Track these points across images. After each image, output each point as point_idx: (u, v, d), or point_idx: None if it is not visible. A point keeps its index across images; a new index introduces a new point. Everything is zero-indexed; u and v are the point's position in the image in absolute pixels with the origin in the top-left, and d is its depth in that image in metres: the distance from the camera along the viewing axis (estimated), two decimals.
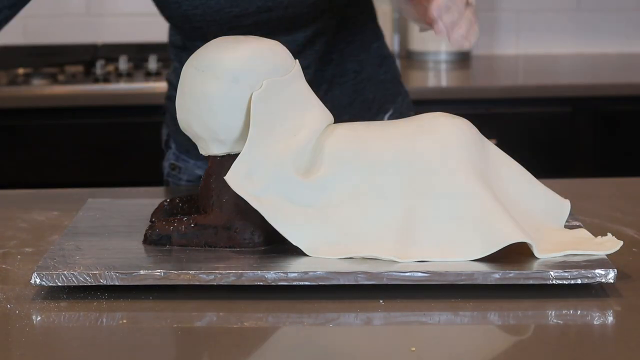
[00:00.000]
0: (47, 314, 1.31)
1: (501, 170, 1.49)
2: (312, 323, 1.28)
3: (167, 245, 1.45)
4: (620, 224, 1.59)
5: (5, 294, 1.36)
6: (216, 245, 1.44)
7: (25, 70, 3.10)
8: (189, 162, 1.88)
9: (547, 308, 1.30)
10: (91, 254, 1.41)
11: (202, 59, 1.45)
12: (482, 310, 1.30)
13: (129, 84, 3.00)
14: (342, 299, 1.32)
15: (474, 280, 1.33)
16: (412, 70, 3.27)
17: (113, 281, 1.34)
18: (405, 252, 1.37)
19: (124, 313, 1.30)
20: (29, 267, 1.43)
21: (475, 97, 3.02)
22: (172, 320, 1.29)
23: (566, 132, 3.01)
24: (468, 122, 1.49)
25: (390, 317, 1.29)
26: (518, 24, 3.51)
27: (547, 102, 3.02)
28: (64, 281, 1.34)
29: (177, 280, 1.34)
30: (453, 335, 1.26)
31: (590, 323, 1.28)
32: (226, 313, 1.30)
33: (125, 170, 2.88)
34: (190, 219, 1.45)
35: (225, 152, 1.45)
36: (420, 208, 1.40)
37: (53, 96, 2.97)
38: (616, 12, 3.52)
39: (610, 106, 3.02)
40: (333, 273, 1.33)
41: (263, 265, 1.36)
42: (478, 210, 1.39)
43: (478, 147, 1.47)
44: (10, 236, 1.58)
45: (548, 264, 1.35)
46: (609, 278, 1.33)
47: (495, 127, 2.95)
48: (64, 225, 1.61)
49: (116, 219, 1.57)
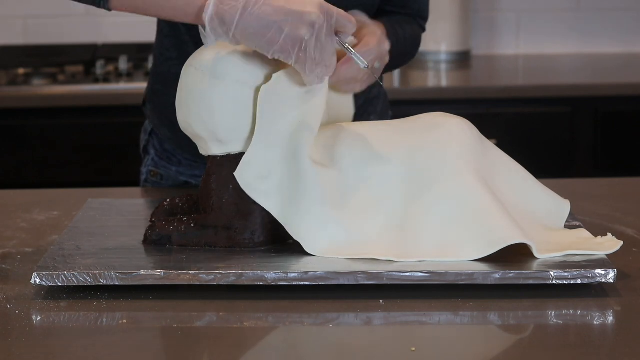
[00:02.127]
0: (47, 314, 1.31)
1: (501, 171, 1.49)
2: (312, 323, 1.28)
3: (167, 245, 1.45)
4: (620, 224, 1.59)
5: (5, 294, 1.36)
6: (216, 245, 1.44)
7: (25, 70, 3.10)
8: (171, 169, 1.88)
9: (547, 308, 1.30)
10: (91, 254, 1.41)
11: (202, 59, 1.45)
12: (482, 310, 1.30)
13: (129, 84, 3.00)
14: (342, 299, 1.32)
15: (474, 280, 1.33)
16: (412, 70, 3.27)
17: (113, 281, 1.34)
18: (405, 252, 1.37)
19: (124, 313, 1.30)
20: (29, 267, 1.42)
21: (475, 97, 3.02)
22: (172, 320, 1.29)
23: (566, 132, 3.00)
24: (468, 122, 1.50)
25: (390, 317, 1.29)
26: (518, 24, 3.51)
27: (547, 102, 3.02)
28: (64, 281, 1.34)
29: (177, 280, 1.34)
30: (453, 335, 1.26)
31: (590, 323, 1.28)
32: (226, 313, 1.30)
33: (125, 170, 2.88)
34: (190, 219, 1.45)
35: (225, 152, 1.45)
36: (421, 208, 1.40)
37: (53, 96, 2.97)
38: (616, 12, 3.51)
39: (610, 106, 3.02)
40: (333, 273, 1.33)
41: (263, 265, 1.36)
42: (478, 210, 1.39)
43: (478, 147, 1.47)
44: (10, 236, 1.58)
45: (548, 264, 1.35)
46: (609, 278, 1.32)
47: (495, 127, 2.95)
48: (64, 225, 1.61)
49: (116, 219, 1.57)
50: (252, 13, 1.37)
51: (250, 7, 1.37)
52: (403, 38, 1.76)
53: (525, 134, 3.00)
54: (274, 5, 1.37)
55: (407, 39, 1.79)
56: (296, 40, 1.37)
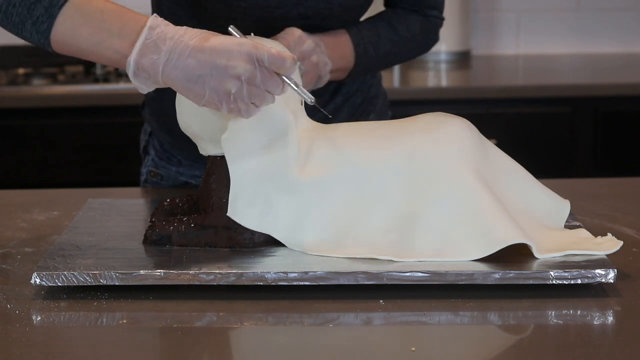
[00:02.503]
0: (47, 314, 1.31)
1: (501, 171, 1.49)
2: (312, 323, 1.28)
3: (167, 245, 1.45)
4: (620, 224, 1.59)
5: (5, 294, 1.36)
6: (216, 245, 1.43)
7: (25, 70, 3.10)
8: (171, 169, 1.87)
9: (547, 308, 1.30)
10: (91, 254, 1.41)
11: None
12: (482, 310, 1.30)
13: (129, 84, 2.98)
14: (342, 299, 1.32)
15: (474, 280, 1.33)
16: (412, 70, 3.27)
17: (113, 281, 1.34)
18: (405, 252, 1.37)
19: (124, 313, 1.30)
20: (29, 267, 1.42)
21: (475, 97, 3.02)
22: (172, 320, 1.29)
23: (566, 132, 3.00)
24: (468, 122, 1.50)
25: (390, 317, 1.29)
26: (518, 24, 3.51)
27: (547, 102, 3.02)
28: (64, 281, 1.34)
29: (177, 280, 1.34)
30: (453, 335, 1.26)
31: (590, 323, 1.28)
32: (226, 313, 1.30)
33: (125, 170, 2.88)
34: (190, 219, 1.45)
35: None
36: (420, 208, 1.40)
37: (53, 96, 2.97)
38: (616, 12, 3.51)
39: (610, 106, 3.02)
40: (333, 273, 1.33)
41: (263, 265, 1.36)
42: (478, 210, 1.39)
43: (478, 147, 1.47)
44: (10, 236, 1.58)
45: (548, 264, 1.35)
46: (609, 278, 1.32)
47: (495, 127, 2.95)
48: (64, 225, 1.61)
49: (116, 219, 1.57)
50: (176, 66, 1.34)
51: (174, 59, 1.34)
52: (388, 39, 1.77)
53: (525, 134, 3.00)
54: (199, 58, 1.33)
55: (396, 40, 1.78)
56: (222, 95, 1.34)
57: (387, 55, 1.79)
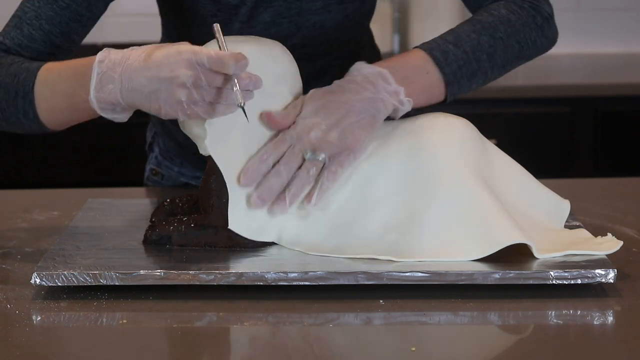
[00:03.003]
0: (47, 314, 1.31)
1: (501, 171, 1.49)
2: (312, 323, 1.28)
3: (167, 245, 1.45)
4: (620, 224, 1.59)
5: (5, 294, 1.36)
6: (216, 245, 1.43)
7: None
8: (173, 170, 1.88)
9: (547, 308, 1.30)
10: (91, 254, 1.41)
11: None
12: (482, 310, 1.30)
13: None
14: (342, 299, 1.32)
15: (474, 280, 1.33)
16: None
17: (113, 281, 1.34)
18: (405, 252, 1.37)
19: (124, 313, 1.30)
20: (29, 267, 1.42)
21: (475, 97, 3.02)
22: (172, 320, 1.29)
23: (566, 132, 3.01)
24: (468, 122, 1.50)
25: (390, 317, 1.29)
26: None
27: (547, 102, 3.02)
28: (64, 281, 1.34)
29: (177, 280, 1.34)
30: (453, 335, 1.26)
31: (590, 323, 1.28)
32: (226, 313, 1.30)
33: (125, 170, 2.88)
34: (190, 219, 1.45)
35: None
36: (420, 208, 1.40)
37: None
38: (616, 12, 3.51)
39: (610, 106, 3.02)
40: (333, 273, 1.33)
41: (263, 265, 1.36)
42: (478, 210, 1.39)
43: (478, 147, 1.47)
44: (10, 236, 1.58)
45: (548, 264, 1.35)
46: (609, 278, 1.32)
47: (495, 127, 2.95)
48: (64, 225, 1.61)
49: (116, 219, 1.57)
50: (130, 89, 1.38)
51: (127, 83, 1.38)
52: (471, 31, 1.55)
53: (525, 134, 3.00)
54: (146, 75, 1.37)
55: (479, 28, 1.56)
56: (175, 105, 1.36)
57: (479, 49, 1.54)
